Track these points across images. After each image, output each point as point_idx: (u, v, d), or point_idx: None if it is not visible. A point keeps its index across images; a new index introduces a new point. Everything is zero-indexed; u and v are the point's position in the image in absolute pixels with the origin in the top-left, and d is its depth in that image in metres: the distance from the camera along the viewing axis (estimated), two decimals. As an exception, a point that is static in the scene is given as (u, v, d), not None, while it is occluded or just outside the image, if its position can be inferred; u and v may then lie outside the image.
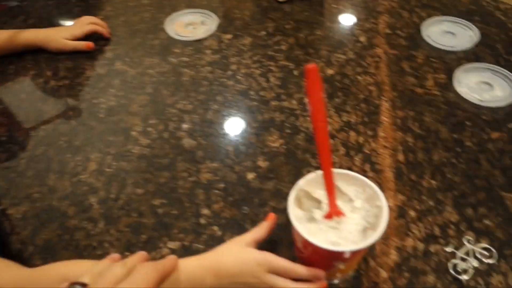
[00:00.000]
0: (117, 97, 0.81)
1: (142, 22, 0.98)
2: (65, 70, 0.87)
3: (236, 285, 0.50)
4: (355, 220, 0.48)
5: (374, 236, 0.44)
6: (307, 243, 0.45)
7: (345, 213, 0.49)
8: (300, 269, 0.50)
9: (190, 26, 0.96)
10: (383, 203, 0.47)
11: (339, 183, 0.51)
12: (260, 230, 0.53)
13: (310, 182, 0.50)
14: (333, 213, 0.48)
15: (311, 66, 0.38)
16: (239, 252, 0.51)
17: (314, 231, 0.47)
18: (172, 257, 0.49)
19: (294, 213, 0.48)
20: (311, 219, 0.50)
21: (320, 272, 0.50)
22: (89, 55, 0.91)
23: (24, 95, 0.82)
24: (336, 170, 0.51)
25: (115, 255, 0.50)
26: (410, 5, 0.99)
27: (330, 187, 0.47)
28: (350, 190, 0.51)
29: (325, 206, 0.50)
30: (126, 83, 0.84)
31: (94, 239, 0.60)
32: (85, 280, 0.42)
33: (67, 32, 0.90)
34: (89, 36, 0.91)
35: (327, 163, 0.45)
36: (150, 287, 0.42)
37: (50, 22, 1.01)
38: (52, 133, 0.75)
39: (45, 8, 1.05)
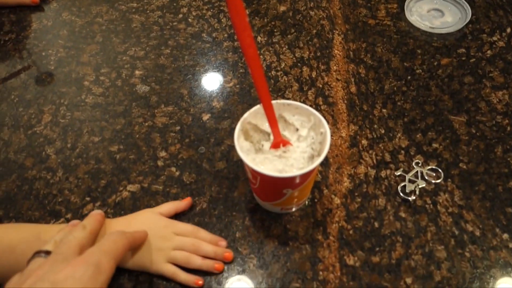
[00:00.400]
0: (66, 48, 0.78)
1: (87, -32, 0.94)
2: (10, 24, 0.84)
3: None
4: (301, 148, 0.50)
5: (318, 160, 0.46)
6: (255, 173, 0.47)
7: (292, 142, 0.50)
8: (203, 233, 0.54)
9: (139, -31, 0.92)
10: (326, 129, 0.48)
11: (285, 114, 0.52)
12: (171, 207, 0.56)
13: (257, 115, 0.51)
14: (280, 142, 0.50)
15: None
16: (149, 218, 0.54)
17: (261, 160, 0.49)
18: (142, 231, 0.51)
19: (241, 145, 0.49)
20: (259, 150, 0.51)
21: (222, 239, 0.54)
22: (34, 8, 0.87)
23: (-31, 52, 0.79)
24: (281, 101, 0.51)
25: (75, 221, 0.51)
26: None
27: (271, 117, 0.47)
28: (296, 120, 0.52)
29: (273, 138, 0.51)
30: (75, 33, 0.81)
31: (54, 188, 0.61)
32: (48, 247, 0.43)
33: None
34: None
35: (264, 91, 0.45)
36: (119, 253, 0.43)
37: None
38: (3, 88, 0.73)
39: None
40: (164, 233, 0.52)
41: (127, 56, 0.76)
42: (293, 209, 0.56)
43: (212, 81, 0.71)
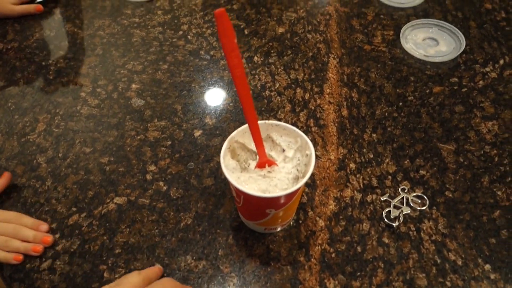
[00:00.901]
0: (67, 59, 0.80)
1: (93, -18, 0.96)
2: (14, 33, 0.85)
3: None
4: (287, 169, 0.50)
5: (301, 181, 0.46)
6: (238, 191, 0.47)
7: (278, 163, 0.51)
8: (25, 219, 0.58)
9: (143, -14, 0.95)
10: (312, 151, 0.48)
11: (273, 134, 0.53)
12: None
13: (245, 134, 0.52)
14: (265, 162, 0.50)
15: (219, 11, 0.38)
16: None
17: (245, 179, 0.49)
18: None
19: (227, 164, 0.50)
20: (245, 169, 0.51)
21: (43, 223, 0.58)
22: (39, 18, 0.89)
23: (-29, 58, 0.81)
24: (269, 122, 0.52)
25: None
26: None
27: (257, 137, 0.48)
28: (283, 141, 0.52)
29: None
30: (76, 45, 0.83)
31: (41, 196, 0.61)
32: None
33: None
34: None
35: (250, 111, 0.46)
36: None
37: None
38: (0, 95, 0.74)
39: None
40: None
41: (125, 70, 0.77)
42: (277, 229, 0.56)
43: (206, 98, 0.72)
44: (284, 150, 0.52)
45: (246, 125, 0.51)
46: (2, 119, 0.71)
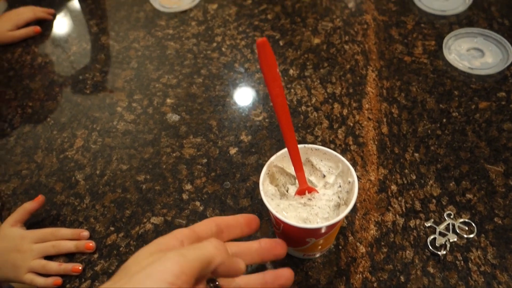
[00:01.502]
0: (103, 72, 0.81)
1: (127, -7, 0.96)
2: (52, 46, 0.87)
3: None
4: (327, 196, 0.49)
5: (344, 212, 0.44)
6: (278, 220, 0.46)
7: (318, 189, 0.49)
8: (63, 231, 0.58)
9: (176, -4, 0.94)
10: (354, 178, 0.47)
11: (313, 158, 0.51)
12: (22, 211, 0.59)
13: (283, 158, 0.50)
14: (305, 189, 0.49)
15: (261, 40, 0.37)
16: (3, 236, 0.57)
17: (285, 207, 0.48)
18: None
19: (265, 190, 0.49)
20: (284, 195, 0.50)
21: (83, 230, 0.59)
22: (74, 30, 0.90)
23: (12, 72, 0.83)
24: (309, 146, 0.51)
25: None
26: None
27: (297, 163, 0.47)
28: (323, 166, 0.51)
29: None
30: (111, 57, 0.83)
31: (80, 215, 0.62)
32: None
33: (9, 23, 0.87)
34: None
35: (290, 139, 0.45)
36: None
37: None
38: (40, 110, 0.76)
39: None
40: (21, 246, 0.56)
41: (160, 84, 0.77)
42: (317, 255, 0.55)
43: (241, 113, 0.71)
44: (324, 176, 0.50)
45: (285, 150, 0.50)
46: (42, 134, 0.72)
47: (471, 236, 0.55)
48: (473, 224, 0.56)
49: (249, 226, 0.42)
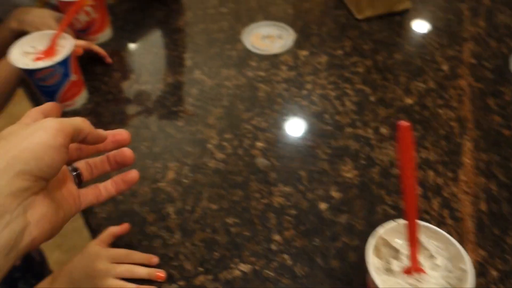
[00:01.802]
0: (195, 107, 0.83)
1: (220, 31, 1.00)
2: (147, 75, 0.91)
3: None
4: (436, 279, 0.48)
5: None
6: (386, 299, 0.46)
7: (426, 270, 0.49)
8: (136, 255, 0.61)
9: (267, 39, 0.97)
10: (469, 267, 0.46)
11: (421, 236, 0.51)
12: (109, 233, 0.64)
13: (393, 233, 0.50)
14: (414, 268, 0.48)
15: (404, 124, 0.38)
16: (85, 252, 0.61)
17: (392, 285, 0.48)
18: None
19: (372, 263, 0.49)
20: (388, 270, 0.50)
21: (153, 256, 0.61)
22: (169, 62, 0.94)
23: (111, 96, 0.87)
24: (419, 222, 0.50)
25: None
26: (499, 33, 0.94)
27: (414, 241, 0.47)
28: (431, 245, 0.50)
29: (404, 258, 0.49)
30: (204, 93, 0.86)
31: (170, 250, 0.63)
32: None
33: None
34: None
35: (413, 217, 0.45)
36: None
37: (135, 24, 1.05)
38: (135, 137, 0.78)
39: (131, 11, 1.09)
40: (97, 263, 0.59)
41: (250, 125, 0.79)
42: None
43: (331, 167, 0.72)
44: (432, 256, 0.50)
45: (395, 224, 0.50)
46: (136, 161, 0.74)
47: None
48: None
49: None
